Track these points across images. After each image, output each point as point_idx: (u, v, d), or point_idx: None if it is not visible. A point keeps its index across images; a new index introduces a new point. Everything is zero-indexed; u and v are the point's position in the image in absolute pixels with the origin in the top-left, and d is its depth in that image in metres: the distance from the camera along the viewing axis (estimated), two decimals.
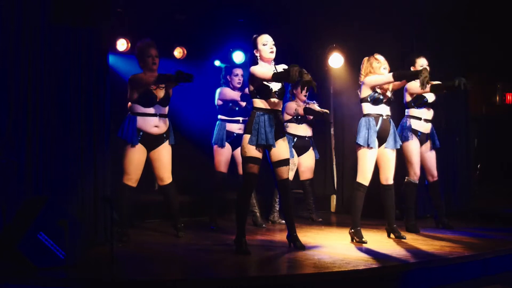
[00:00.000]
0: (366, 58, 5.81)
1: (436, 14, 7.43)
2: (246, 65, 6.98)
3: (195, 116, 7.52)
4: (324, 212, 7.91)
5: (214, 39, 7.83)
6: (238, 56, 7.94)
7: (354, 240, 5.57)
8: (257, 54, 5.20)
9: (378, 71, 5.70)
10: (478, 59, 8.34)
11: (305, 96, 7.14)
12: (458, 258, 4.80)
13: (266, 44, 5.19)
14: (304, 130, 7.15)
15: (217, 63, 8.24)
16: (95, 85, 5.39)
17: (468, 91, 6.17)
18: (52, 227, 4.42)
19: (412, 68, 6.37)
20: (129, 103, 5.78)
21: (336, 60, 7.80)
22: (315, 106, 7.17)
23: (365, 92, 5.67)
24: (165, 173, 5.85)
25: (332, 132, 8.38)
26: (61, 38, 5.21)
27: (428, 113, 6.38)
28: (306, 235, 5.94)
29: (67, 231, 4.45)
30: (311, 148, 7.23)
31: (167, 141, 5.83)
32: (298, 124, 7.13)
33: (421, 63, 6.32)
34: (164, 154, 5.82)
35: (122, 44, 7.22)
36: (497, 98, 10.49)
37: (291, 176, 6.97)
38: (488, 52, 8.52)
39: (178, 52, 7.93)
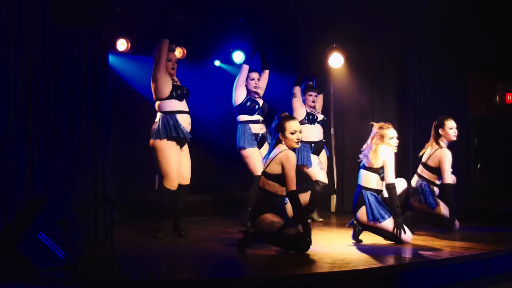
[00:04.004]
0: (377, 127, 5.64)
1: (437, 15, 7.43)
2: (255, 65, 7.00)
3: (194, 116, 7.51)
4: (324, 212, 7.91)
5: (214, 39, 7.83)
6: (238, 56, 7.94)
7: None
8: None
9: (388, 142, 5.58)
10: (478, 59, 8.34)
11: (313, 102, 7.09)
12: (458, 258, 4.80)
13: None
14: (318, 134, 7.09)
15: (217, 63, 8.24)
16: (95, 85, 5.39)
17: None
18: (52, 227, 4.42)
19: (440, 130, 6.26)
20: (157, 103, 5.85)
21: (336, 60, 7.80)
22: (318, 114, 7.16)
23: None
24: (188, 173, 5.95)
25: (332, 132, 8.38)
26: (61, 38, 5.21)
27: None
28: None
29: (67, 231, 4.44)
30: (323, 150, 7.22)
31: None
32: (312, 124, 7.05)
33: (450, 125, 6.25)
34: (187, 153, 5.95)
35: (122, 44, 7.22)
36: (497, 98, 10.49)
37: (323, 177, 6.98)
38: (488, 52, 8.52)
39: (178, 52, 7.89)
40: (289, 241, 4.93)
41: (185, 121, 5.85)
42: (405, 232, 5.41)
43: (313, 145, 7.00)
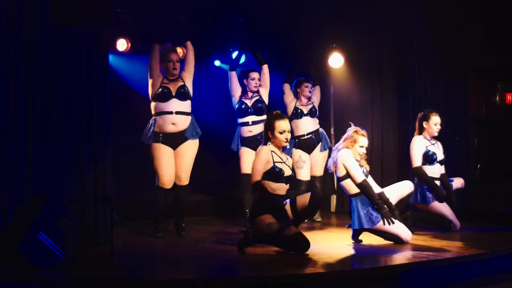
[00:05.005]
0: (353, 130, 5.61)
1: (437, 15, 7.43)
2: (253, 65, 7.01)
3: (194, 116, 7.53)
4: (324, 212, 7.90)
5: (214, 39, 7.82)
6: None
7: None
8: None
9: (355, 153, 5.55)
10: (478, 59, 8.34)
11: (309, 92, 7.12)
12: (458, 258, 4.80)
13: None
14: (304, 127, 7.09)
15: (217, 63, 8.23)
16: (95, 85, 5.39)
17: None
18: (52, 227, 4.42)
19: (424, 123, 6.27)
20: (152, 104, 5.91)
21: (336, 60, 7.80)
22: (303, 107, 7.16)
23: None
24: (183, 173, 5.90)
25: (332, 132, 8.38)
26: (61, 38, 5.21)
27: (440, 170, 6.29)
28: (306, 235, 5.93)
29: (67, 231, 4.45)
30: (319, 144, 7.18)
31: (190, 141, 5.88)
32: (299, 119, 7.08)
33: (435, 120, 6.24)
34: (185, 153, 5.89)
35: (122, 44, 7.21)
36: (497, 98, 10.48)
37: (304, 174, 6.93)
38: (488, 52, 8.52)
39: (178, 52, 7.91)
40: (289, 241, 4.93)
41: (166, 122, 5.82)
42: (393, 223, 5.38)
43: (296, 140, 7.01)
